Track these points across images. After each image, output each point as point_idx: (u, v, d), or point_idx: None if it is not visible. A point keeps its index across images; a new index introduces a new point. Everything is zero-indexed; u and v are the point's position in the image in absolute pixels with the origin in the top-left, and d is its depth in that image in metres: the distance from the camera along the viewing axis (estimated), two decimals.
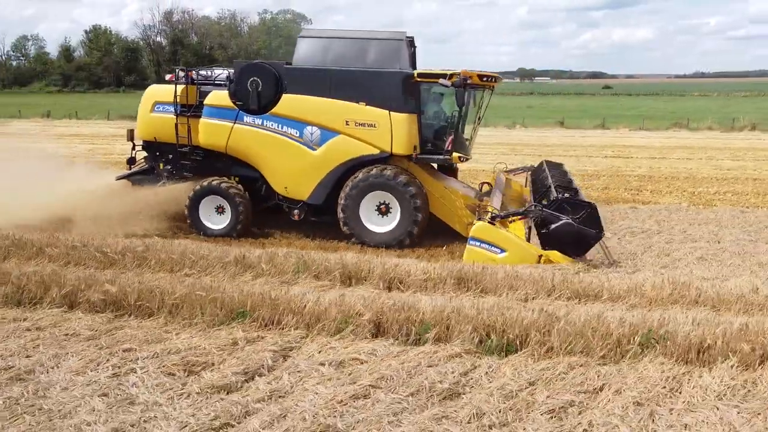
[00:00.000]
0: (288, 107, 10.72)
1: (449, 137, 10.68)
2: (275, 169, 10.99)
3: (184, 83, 11.32)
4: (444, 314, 6.22)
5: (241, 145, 11.02)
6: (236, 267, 7.90)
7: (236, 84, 10.88)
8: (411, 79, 10.30)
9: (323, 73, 10.62)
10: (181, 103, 11.21)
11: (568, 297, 7.19)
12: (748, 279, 7.68)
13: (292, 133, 10.73)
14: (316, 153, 10.64)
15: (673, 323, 6.03)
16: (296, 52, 11.07)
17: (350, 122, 10.45)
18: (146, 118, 11.64)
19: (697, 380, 5.16)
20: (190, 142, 11.21)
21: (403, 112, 10.32)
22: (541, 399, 4.86)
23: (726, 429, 4.48)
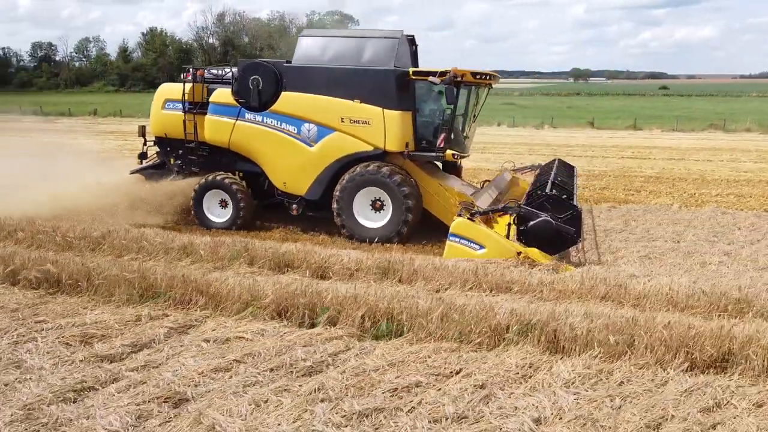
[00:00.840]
0: (287, 104, 11.02)
1: (441, 135, 10.80)
2: (274, 164, 11.31)
3: (191, 81, 11.76)
4: (343, 300, 6.50)
5: (242, 141, 11.41)
6: (178, 253, 8.37)
7: (239, 82, 11.24)
8: (405, 77, 10.48)
9: (320, 71, 10.86)
10: (189, 101, 11.69)
11: (481, 288, 7.35)
12: (677, 278, 7.61)
13: (291, 130, 11.02)
14: (313, 149, 10.90)
15: (564, 315, 6.13)
16: (296, 50, 11.35)
17: (345, 119, 10.67)
18: (158, 115, 12.15)
19: (551, 368, 5.29)
20: (196, 138, 11.71)
21: (396, 109, 10.49)
22: (389, 378, 5.09)
23: (553, 412, 4.62)
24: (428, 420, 4.49)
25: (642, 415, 4.56)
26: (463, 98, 11.43)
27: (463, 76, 10.50)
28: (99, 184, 12.15)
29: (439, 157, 11.00)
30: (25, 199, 11.30)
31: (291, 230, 11.58)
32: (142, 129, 13.10)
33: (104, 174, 13.10)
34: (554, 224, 8.70)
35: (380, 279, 7.69)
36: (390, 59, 10.63)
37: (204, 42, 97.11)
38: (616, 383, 5.11)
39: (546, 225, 8.72)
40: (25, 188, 12.01)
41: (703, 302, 6.76)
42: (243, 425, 4.36)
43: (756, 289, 7.07)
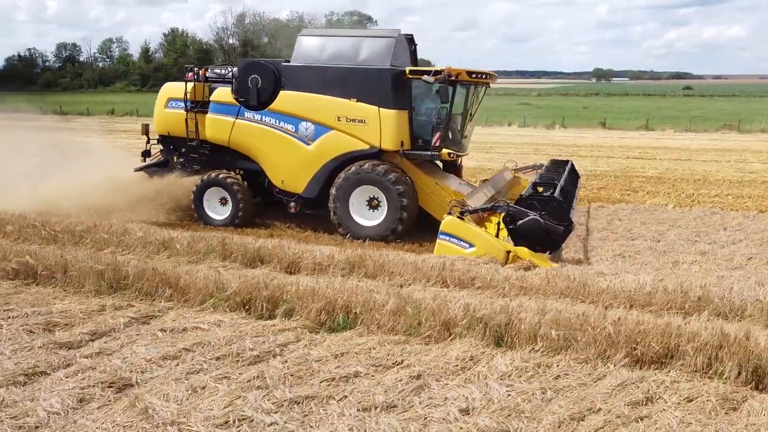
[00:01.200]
0: (285, 103, 11.11)
1: (437, 134, 10.81)
2: (273, 163, 11.41)
3: (193, 81, 11.92)
4: (303, 293, 6.65)
5: (241, 140, 11.53)
6: (156, 247, 8.59)
7: (238, 81, 11.36)
8: (401, 76, 10.50)
9: (317, 71, 10.93)
10: (191, 100, 11.85)
11: (444, 284, 7.44)
12: (643, 276, 7.60)
13: (289, 129, 11.11)
14: (310, 148, 10.98)
15: (517, 310, 6.20)
16: (295, 50, 11.46)
17: (342, 118, 10.73)
18: (161, 114, 12.35)
19: (491, 361, 5.38)
20: (197, 137, 11.87)
21: (392, 108, 10.52)
22: (329, 368, 5.23)
23: (482, 403, 4.71)
24: (357, 408, 4.61)
25: (568, 408, 4.64)
26: (461, 97, 11.44)
27: (459, 75, 10.51)
28: (104, 181, 12.34)
29: (435, 156, 11.00)
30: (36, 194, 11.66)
31: (287, 228, 11.66)
32: (145, 127, 13.33)
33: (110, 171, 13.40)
34: (543, 223, 8.68)
35: (348, 274, 7.82)
36: (386, 58, 10.66)
37: (224, 42, 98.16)
38: (553, 377, 5.18)
39: (534, 224, 8.69)
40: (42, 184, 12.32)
41: (661, 300, 6.77)
42: (176, 409, 4.53)
43: (720, 288, 7.04)
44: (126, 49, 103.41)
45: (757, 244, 9.91)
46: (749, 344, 5.41)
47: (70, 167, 13.99)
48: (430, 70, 10.55)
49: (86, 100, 62.36)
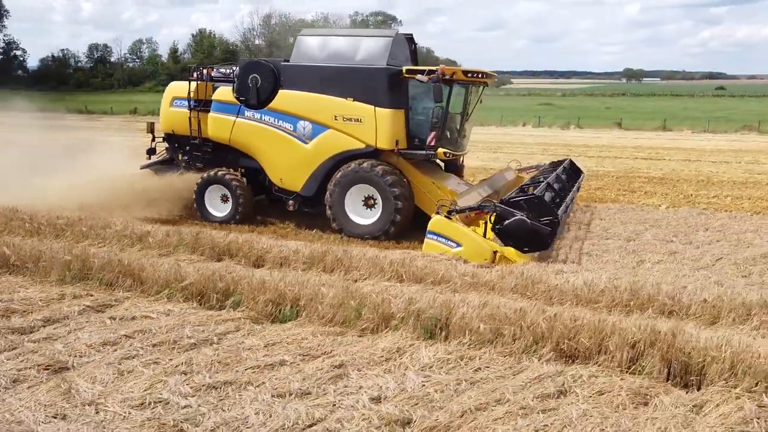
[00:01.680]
0: (283, 102, 11.21)
1: (431, 133, 10.78)
2: (272, 161, 11.53)
3: (196, 80, 12.08)
4: (255, 285, 6.86)
5: (242, 138, 11.66)
6: (130, 240, 8.90)
7: (239, 80, 11.49)
8: (398, 76, 10.52)
9: (315, 70, 11.00)
10: (195, 99, 12.01)
11: (400, 279, 7.57)
12: (599, 274, 7.62)
13: (287, 127, 11.20)
14: (308, 147, 11.06)
15: (458, 305, 6.29)
16: (294, 49, 11.57)
17: (338, 117, 10.78)
18: (166, 113, 12.52)
19: (416, 352, 5.51)
20: (199, 135, 12.07)
21: (387, 107, 10.55)
22: (257, 357, 5.43)
23: (395, 392, 4.84)
24: (271, 394, 4.79)
25: (477, 399, 4.74)
26: (460, 97, 11.43)
27: (454, 74, 10.52)
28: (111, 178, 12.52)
29: (430, 156, 10.99)
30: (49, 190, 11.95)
31: (283, 224, 11.77)
32: (150, 125, 13.51)
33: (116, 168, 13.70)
34: (529, 223, 8.64)
35: (308, 268, 7.99)
36: (383, 58, 10.70)
37: (250, 43, 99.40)
38: (473, 369, 5.29)
39: (521, 224, 8.66)
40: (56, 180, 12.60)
41: (607, 298, 6.80)
42: (99, 391, 4.77)
43: (672, 287, 7.03)
44: (155, 50, 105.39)
45: (732, 245, 9.80)
46: (677, 341, 5.44)
47: (82, 164, 14.40)
48: (424, 69, 10.54)
49: (115, 99, 63.77)
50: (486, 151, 24.88)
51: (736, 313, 6.43)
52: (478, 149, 25.39)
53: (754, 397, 4.83)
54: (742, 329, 6.19)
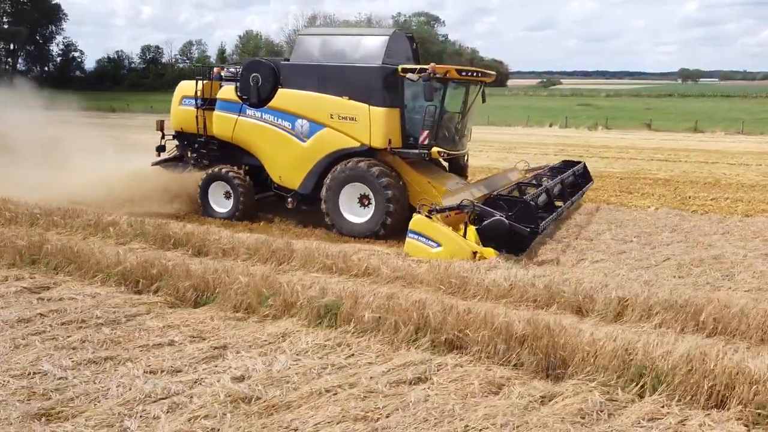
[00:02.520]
0: (283, 101, 11.32)
1: (424, 132, 10.71)
2: (271, 159, 11.65)
3: (202, 79, 12.38)
4: (180, 272, 7.23)
5: (243, 136, 11.83)
6: (94, 230, 9.43)
7: (241, 79, 11.67)
8: (393, 75, 10.50)
9: (313, 69, 11.07)
10: (202, 97, 12.24)
11: (330, 271, 7.81)
12: (522, 270, 7.64)
13: (286, 126, 11.31)
14: (306, 145, 11.14)
15: (367, 295, 6.44)
16: (294, 48, 11.78)
17: (334, 116, 10.82)
18: (176, 111, 12.72)
19: (297, 338, 5.74)
20: (205, 133, 12.29)
21: (382, 106, 10.52)
22: (151, 337, 5.78)
23: (258, 372, 5.08)
24: (144, 370, 5.11)
25: (332, 382, 4.94)
26: (457, 96, 11.38)
27: (447, 73, 10.46)
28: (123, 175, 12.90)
29: (423, 155, 10.83)
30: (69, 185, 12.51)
31: (281, 221, 11.86)
32: (160, 123, 13.63)
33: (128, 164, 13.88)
34: (507, 224, 8.51)
35: (248, 258, 8.33)
36: (378, 57, 10.69)
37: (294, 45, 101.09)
38: (346, 355, 5.49)
39: (499, 224, 8.53)
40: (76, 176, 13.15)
41: (517, 293, 6.87)
42: None
43: (591, 286, 7.00)
44: (205, 51, 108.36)
45: (690, 246, 9.59)
46: (556, 336, 5.50)
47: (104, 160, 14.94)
48: (415, 67, 10.53)
49: (163, 98, 65.84)
50: (500, 151, 24.78)
51: (642, 311, 6.40)
52: (492, 149, 25.38)
53: (608, 390, 4.88)
54: (643, 327, 6.19)
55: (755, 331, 5.98)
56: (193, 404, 4.57)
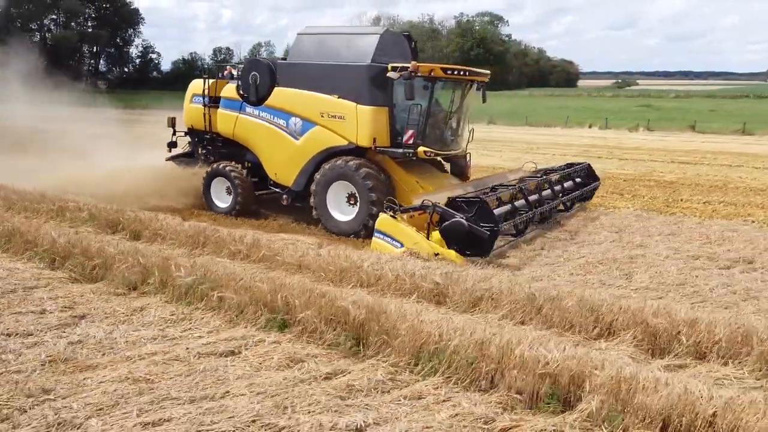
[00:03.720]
0: (278, 99, 11.53)
1: (408, 131, 10.67)
2: (268, 156, 11.87)
3: (209, 78, 12.73)
4: (93, 252, 7.90)
5: (242, 133, 12.15)
6: (54, 214, 10.27)
7: (241, 78, 11.93)
8: (382, 73, 10.39)
9: (306, 68, 11.24)
10: (209, 95, 12.54)
11: (249, 260, 8.17)
12: (413, 264, 7.79)
13: (281, 124, 11.51)
14: (298, 143, 11.30)
15: (242, 276, 6.83)
16: (291, 47, 11.95)
17: (324, 114, 10.94)
18: (187, 108, 13.16)
19: (152, 311, 6.30)
20: (209, 130, 12.70)
21: (369, 104, 10.55)
22: (25, 305, 6.43)
23: (97, 337, 5.65)
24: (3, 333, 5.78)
25: (153, 349, 5.43)
26: (448, 96, 11.32)
27: (432, 71, 10.36)
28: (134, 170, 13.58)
29: (408, 155, 10.70)
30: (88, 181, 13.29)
31: (277, 216, 12.08)
32: (171, 120, 13.97)
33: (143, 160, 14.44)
34: (466, 225, 8.37)
35: (173, 242, 8.93)
36: (367, 55, 10.70)
37: None
38: (184, 329, 5.96)
39: (458, 226, 8.40)
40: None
41: (384, 282, 7.13)
42: None
43: (458, 277, 7.11)
44: (273, 52, 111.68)
45: (620, 245, 9.46)
46: (358, 314, 5.73)
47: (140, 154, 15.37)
48: (398, 66, 10.31)
49: None
50: (519, 151, 24.56)
51: (492, 303, 6.53)
52: (511, 149, 25.23)
53: (396, 370, 5.13)
54: (490, 317, 6.32)
55: (593, 326, 6.00)
56: (15, 361, 5.17)
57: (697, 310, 6.15)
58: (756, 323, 5.72)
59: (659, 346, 5.73)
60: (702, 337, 5.62)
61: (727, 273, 8.23)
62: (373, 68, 10.53)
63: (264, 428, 4.20)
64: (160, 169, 13.65)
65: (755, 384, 5.09)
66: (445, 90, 11.31)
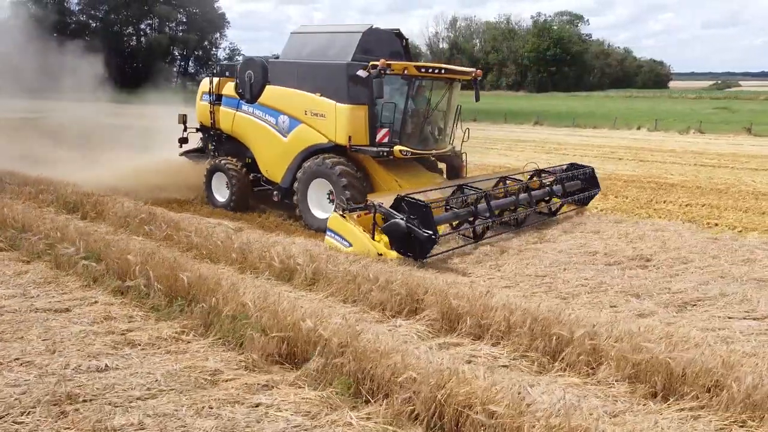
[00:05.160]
0: (269, 97, 11.79)
1: (381, 130, 10.67)
2: (260, 153, 12.17)
3: (216, 76, 13.17)
4: (28, 225, 9.05)
5: (239, 130, 12.55)
6: (29, 196, 11.62)
7: (238, 76, 12.25)
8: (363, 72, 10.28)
9: (294, 66, 11.46)
10: (215, 93, 12.96)
11: (142, 235, 9.12)
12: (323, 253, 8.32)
13: (271, 121, 11.76)
14: (286, 140, 11.50)
15: (134, 251, 7.70)
16: (284, 46, 12.08)
17: (308, 112, 11.10)
18: (198, 105, 13.61)
19: (29, 274, 7.27)
20: (213, 126, 13.15)
21: (347, 103, 10.60)
22: None
23: None
24: None
25: (7, 303, 6.38)
26: (430, 94, 11.31)
27: (406, 69, 10.32)
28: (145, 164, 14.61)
29: (380, 153, 10.70)
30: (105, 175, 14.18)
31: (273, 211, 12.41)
32: (182, 117, 14.20)
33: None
34: (404, 226, 8.24)
35: (108, 224, 9.96)
36: (347, 54, 10.77)
37: (434, 47, 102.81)
38: (44, 291, 6.79)
39: (396, 227, 8.34)
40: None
41: (248, 262, 7.85)
42: None
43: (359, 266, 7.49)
44: None
45: (542, 240, 9.57)
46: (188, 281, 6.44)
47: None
48: (368, 64, 10.23)
49: None
50: (540, 152, 24.21)
51: (326, 281, 7.06)
52: (533, 149, 24.94)
53: (182, 330, 5.79)
54: (306, 295, 6.88)
55: (400, 306, 6.40)
56: None
57: (503, 296, 6.37)
58: (544, 309, 5.89)
59: (450, 326, 6.04)
60: (489, 320, 5.88)
61: (605, 269, 8.23)
62: (353, 66, 10.50)
63: (25, 365, 4.99)
64: (172, 165, 14.34)
65: (505, 362, 5.34)
66: (426, 88, 11.28)
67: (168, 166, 14.34)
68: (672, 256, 8.89)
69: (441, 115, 11.73)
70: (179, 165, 14.30)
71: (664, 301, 7.07)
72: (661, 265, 8.49)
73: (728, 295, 7.26)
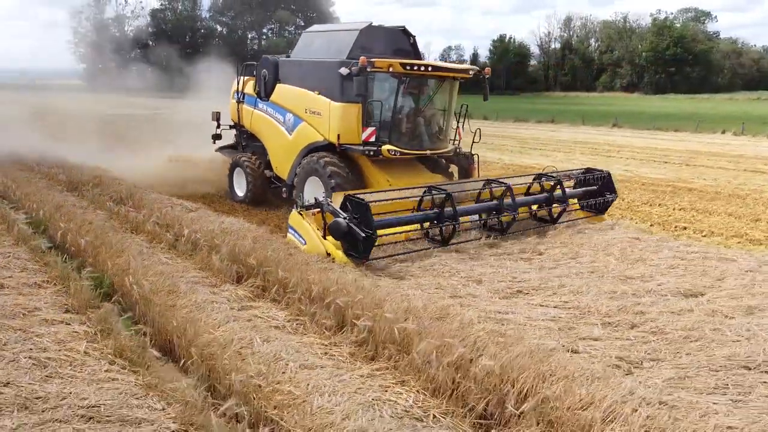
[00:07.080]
0: (279, 96, 11.99)
1: (367, 129, 10.48)
2: (271, 149, 12.38)
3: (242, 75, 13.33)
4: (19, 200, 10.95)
5: (255, 127, 12.85)
6: (44, 176, 13.72)
7: (256, 75, 12.54)
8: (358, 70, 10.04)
9: (298, 65, 11.64)
10: (241, 91, 13.20)
11: (105, 210, 10.70)
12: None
13: (280, 119, 11.93)
14: (291, 137, 11.61)
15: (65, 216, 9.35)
16: (296, 45, 12.43)
17: (308, 110, 11.17)
18: (230, 104, 13.82)
19: None
20: (239, 123, 13.47)
21: (340, 101, 10.53)
22: None
23: None
24: None
25: None
26: (416, 92, 11.09)
27: (391, 67, 10.07)
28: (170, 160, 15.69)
29: (368, 152, 10.48)
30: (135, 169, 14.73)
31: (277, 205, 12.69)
32: (216, 114, 14.43)
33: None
34: (344, 225, 7.99)
35: (84, 205, 11.49)
36: (343, 52, 10.73)
37: (546, 47, 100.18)
38: None
39: (337, 226, 8.07)
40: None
41: (152, 234, 9.08)
42: None
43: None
44: (462, 55, 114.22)
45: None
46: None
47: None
48: (351, 62, 10.20)
49: None
50: (590, 154, 23.55)
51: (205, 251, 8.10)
52: (586, 151, 24.30)
53: None
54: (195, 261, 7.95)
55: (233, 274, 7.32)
56: None
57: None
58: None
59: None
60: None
61: (542, 271, 7.83)
62: (346, 64, 10.34)
63: None
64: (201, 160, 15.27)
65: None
66: (417, 86, 11.05)
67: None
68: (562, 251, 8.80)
69: (439, 115, 11.49)
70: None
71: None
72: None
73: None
